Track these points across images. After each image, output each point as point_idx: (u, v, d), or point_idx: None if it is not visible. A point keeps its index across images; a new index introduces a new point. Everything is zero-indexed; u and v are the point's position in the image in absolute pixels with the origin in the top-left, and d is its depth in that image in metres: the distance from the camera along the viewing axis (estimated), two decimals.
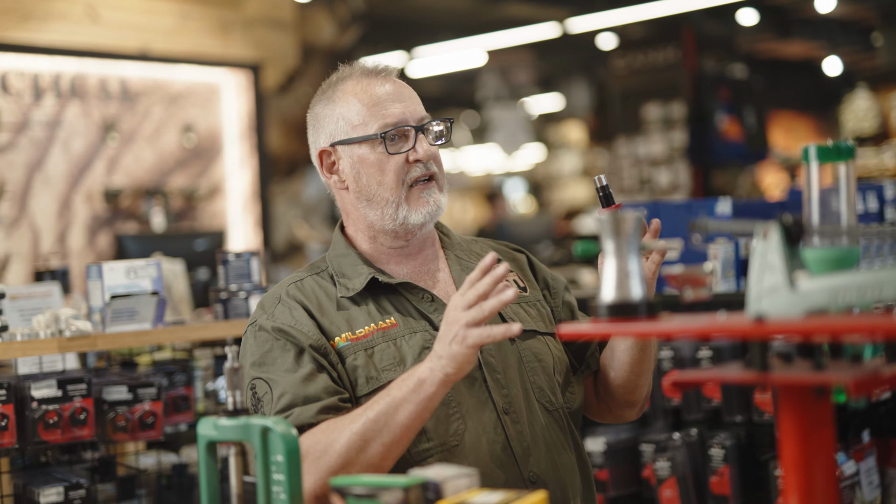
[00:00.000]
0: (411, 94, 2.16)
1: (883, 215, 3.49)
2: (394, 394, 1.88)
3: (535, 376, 2.12)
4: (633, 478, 3.42)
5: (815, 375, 1.34)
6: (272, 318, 2.07)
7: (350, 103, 2.11)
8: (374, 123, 2.09)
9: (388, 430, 1.86)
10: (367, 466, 1.87)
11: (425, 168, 2.10)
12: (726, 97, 10.02)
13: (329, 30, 8.49)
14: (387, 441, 1.86)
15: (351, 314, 2.08)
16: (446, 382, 1.85)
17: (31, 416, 2.87)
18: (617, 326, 1.46)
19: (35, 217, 6.75)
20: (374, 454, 1.87)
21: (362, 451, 1.86)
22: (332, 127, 2.13)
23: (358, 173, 2.11)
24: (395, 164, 2.08)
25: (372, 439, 1.86)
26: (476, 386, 2.06)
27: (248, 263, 3.38)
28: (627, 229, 1.46)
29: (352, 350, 2.03)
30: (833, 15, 10.67)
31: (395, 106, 2.10)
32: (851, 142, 1.55)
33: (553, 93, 13.78)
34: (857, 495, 2.80)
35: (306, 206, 8.29)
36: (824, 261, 1.47)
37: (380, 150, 2.09)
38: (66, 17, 6.93)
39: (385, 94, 2.11)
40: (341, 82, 2.15)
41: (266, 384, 2.00)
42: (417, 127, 2.10)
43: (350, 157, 2.12)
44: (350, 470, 1.86)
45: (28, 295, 3.32)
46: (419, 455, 1.99)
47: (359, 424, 1.87)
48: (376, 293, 2.11)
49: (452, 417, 2.02)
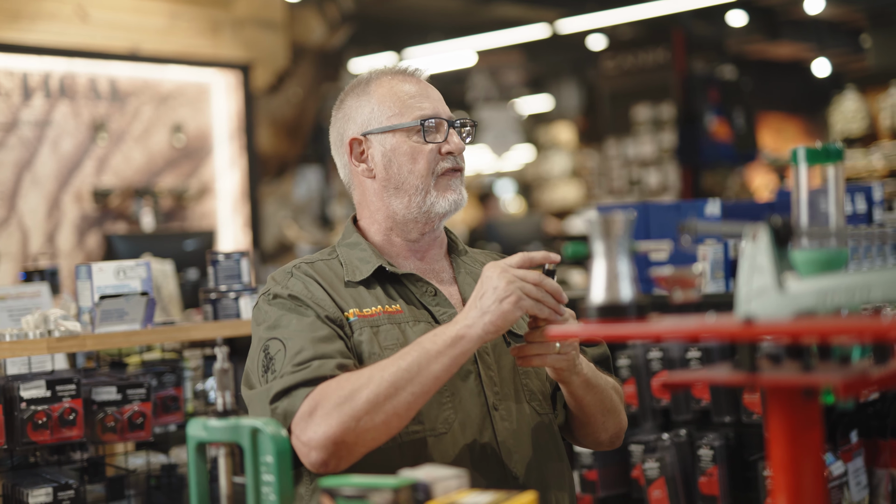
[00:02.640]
0: (438, 95, 2.26)
1: (871, 217, 3.50)
2: (427, 347, 1.90)
3: (528, 380, 2.15)
4: (622, 478, 3.42)
5: (803, 377, 1.35)
6: (287, 288, 2.10)
7: (385, 96, 2.19)
8: (409, 114, 2.17)
9: (420, 381, 1.88)
10: (392, 415, 1.88)
11: (455, 161, 2.18)
12: (715, 98, 10.05)
13: (319, 30, 8.49)
14: (416, 391, 1.88)
15: (359, 294, 2.12)
16: (483, 340, 1.89)
17: (20, 417, 2.86)
18: (606, 328, 1.46)
19: (24, 217, 6.73)
20: (402, 403, 1.88)
21: (391, 398, 1.87)
22: (365, 117, 2.20)
23: (389, 161, 2.17)
24: (429, 154, 2.16)
25: (402, 388, 1.88)
26: (470, 379, 2.08)
27: (238, 264, 3.38)
28: (617, 231, 1.46)
29: (359, 325, 2.06)
30: (822, 16, 10.70)
31: (429, 101, 2.20)
32: (840, 144, 1.56)
33: (543, 94, 13.80)
34: (845, 496, 2.81)
35: (296, 207, 8.28)
36: (813, 262, 1.48)
37: (415, 139, 2.16)
38: (55, 16, 6.91)
39: (419, 91, 2.21)
40: (375, 78, 2.23)
41: (280, 342, 2.01)
42: (450, 122, 2.19)
43: (382, 145, 2.18)
44: (374, 416, 1.87)
45: (17, 295, 3.31)
46: (408, 436, 2.01)
47: (390, 372, 1.89)
48: (382, 282, 2.15)
49: (445, 406, 2.04)
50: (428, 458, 1.98)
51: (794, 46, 11.93)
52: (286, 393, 1.93)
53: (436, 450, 2.01)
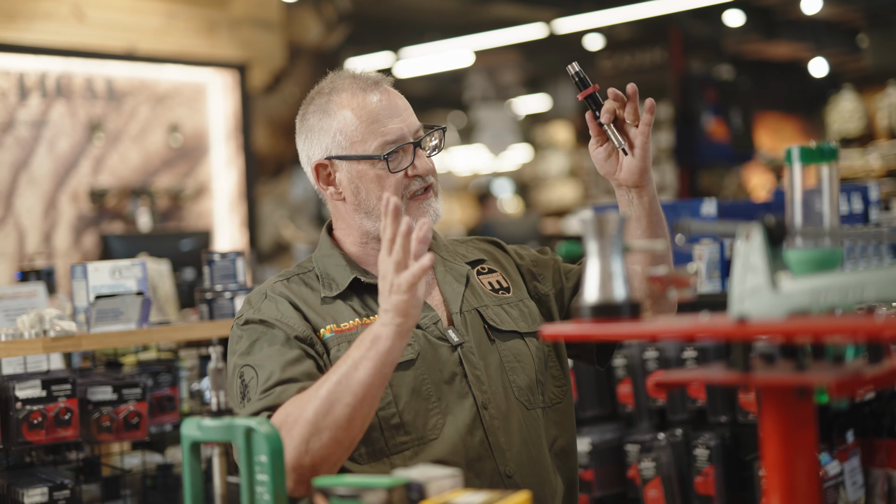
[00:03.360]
0: (405, 104, 2.18)
1: (868, 216, 3.50)
2: (353, 355, 1.88)
3: (515, 375, 2.14)
4: (618, 478, 3.42)
5: (796, 376, 1.35)
6: (258, 312, 2.10)
7: (347, 118, 2.13)
8: (373, 141, 2.11)
9: (350, 390, 1.86)
10: (336, 430, 1.86)
11: (423, 181, 2.15)
12: (713, 98, 10.04)
13: (316, 30, 8.49)
14: (350, 401, 1.86)
15: (336, 309, 2.11)
16: (400, 333, 1.86)
17: (16, 417, 2.86)
18: (600, 327, 1.46)
19: (20, 217, 6.72)
20: (341, 416, 1.86)
21: (328, 414, 1.86)
22: (328, 141, 2.15)
23: (357, 187, 2.14)
24: (396, 181, 2.12)
25: (336, 401, 1.86)
26: (456, 381, 2.08)
27: (234, 264, 3.38)
28: (611, 230, 1.46)
29: (336, 342, 2.06)
30: (819, 16, 10.71)
31: (394, 122, 2.13)
32: (835, 143, 1.56)
33: (540, 93, 13.80)
34: (841, 495, 2.81)
35: (293, 207, 8.28)
36: (807, 262, 1.48)
37: (380, 167, 2.11)
38: (52, 16, 6.91)
39: (382, 109, 2.13)
40: (336, 94, 2.16)
41: (253, 370, 2.01)
42: (416, 143, 2.14)
43: (349, 171, 2.14)
44: (320, 435, 1.86)
45: (13, 295, 3.31)
46: (396, 448, 2.01)
47: (323, 389, 1.88)
48: (360, 293, 2.14)
49: (432, 412, 2.04)
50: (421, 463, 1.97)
51: (792, 46, 11.93)
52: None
53: (428, 457, 2.00)
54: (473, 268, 2.27)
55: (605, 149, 2.13)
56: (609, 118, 2.08)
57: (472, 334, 2.13)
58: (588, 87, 2.12)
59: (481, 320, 2.16)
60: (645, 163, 2.09)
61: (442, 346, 2.10)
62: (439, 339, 2.10)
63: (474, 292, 2.20)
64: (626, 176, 2.11)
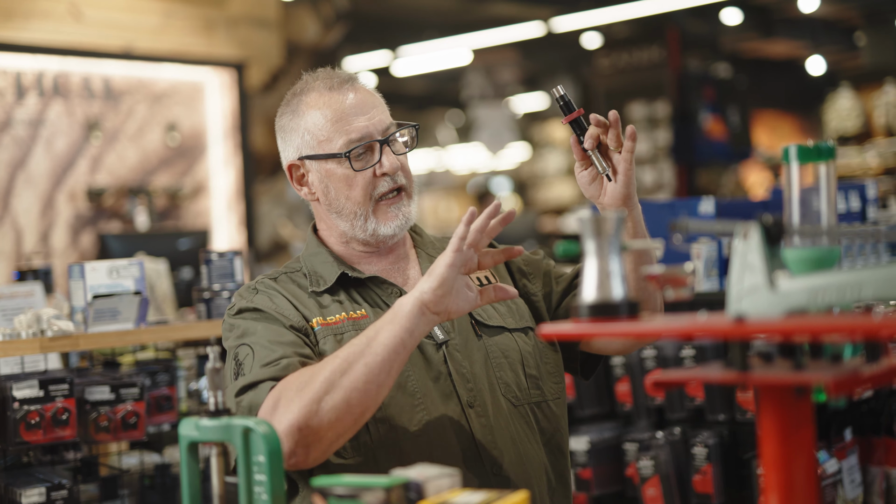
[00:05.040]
0: (375, 101, 2.17)
1: (865, 214, 3.51)
2: (375, 324, 1.90)
3: (502, 371, 2.13)
4: (616, 477, 3.42)
5: (794, 375, 1.35)
6: (252, 302, 2.09)
7: (314, 117, 2.13)
8: (338, 139, 2.11)
9: (372, 351, 1.86)
10: (350, 390, 1.85)
11: (393, 181, 2.13)
12: (710, 96, 10.05)
13: (313, 29, 8.48)
14: (369, 361, 1.85)
15: (323, 302, 2.12)
16: (424, 302, 1.87)
17: (13, 417, 2.86)
18: (598, 326, 1.46)
19: (18, 216, 6.72)
20: (359, 375, 1.85)
21: (346, 373, 1.85)
22: (298, 141, 2.15)
23: (326, 187, 2.14)
24: (363, 180, 2.11)
25: (355, 361, 1.86)
26: (441, 380, 2.07)
27: (232, 263, 3.38)
28: (608, 229, 1.46)
29: (323, 334, 2.06)
30: (816, 15, 10.71)
31: (360, 120, 2.11)
32: (833, 141, 1.56)
33: (538, 92, 13.79)
34: (839, 493, 2.81)
35: (290, 206, 8.27)
36: (804, 261, 1.48)
37: (346, 165, 2.11)
38: (49, 15, 6.90)
39: (349, 107, 2.12)
40: (304, 94, 2.16)
41: (249, 347, 2.01)
42: (382, 140, 2.12)
43: (318, 171, 2.14)
44: (333, 394, 1.84)
45: (10, 294, 3.30)
46: (380, 441, 2.01)
47: (344, 352, 1.88)
48: (347, 288, 2.14)
49: (417, 408, 2.03)
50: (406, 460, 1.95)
51: (789, 44, 11.93)
52: (252, 387, 1.93)
53: (413, 451, 2.00)
54: None
55: (590, 173, 2.14)
56: (593, 144, 2.10)
57: (458, 330, 2.13)
58: (573, 111, 2.12)
59: (468, 315, 2.15)
60: (628, 189, 2.09)
61: (427, 343, 2.09)
62: (425, 337, 2.09)
63: None
64: (610, 201, 2.11)
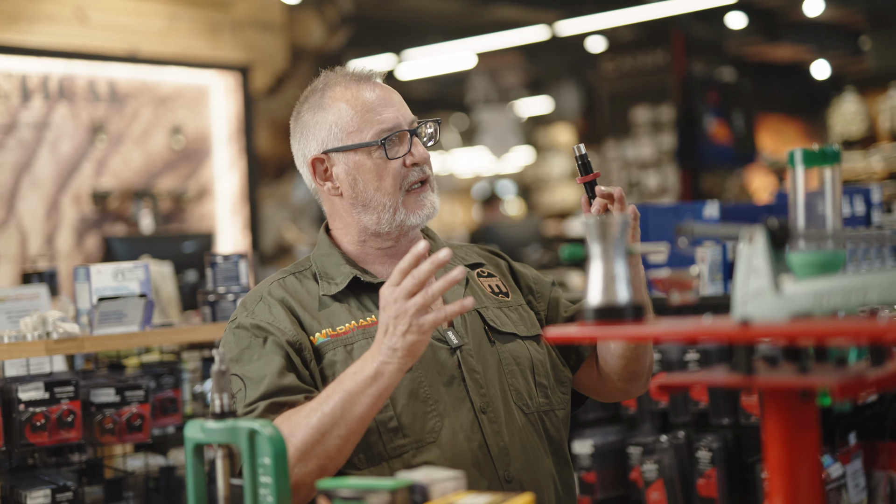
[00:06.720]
0: (399, 97, 2.18)
1: (870, 219, 3.50)
2: (348, 388, 1.88)
3: (514, 379, 2.13)
4: (620, 480, 3.42)
5: (799, 379, 1.35)
6: (252, 316, 2.09)
7: (342, 110, 2.13)
8: (368, 130, 2.11)
9: (345, 423, 1.87)
10: (325, 458, 1.88)
11: (421, 172, 2.13)
12: (715, 100, 10.05)
13: (318, 32, 8.49)
14: (343, 433, 1.87)
15: (332, 311, 2.10)
16: (402, 371, 1.86)
17: (18, 419, 2.86)
18: (603, 330, 1.47)
19: (23, 219, 6.73)
20: (332, 446, 1.87)
21: (319, 443, 1.87)
22: (324, 134, 2.14)
23: (354, 179, 2.12)
24: (394, 170, 2.11)
25: (328, 433, 1.87)
26: (454, 384, 2.07)
27: (236, 266, 3.38)
28: (614, 233, 1.46)
29: (331, 346, 2.05)
30: (821, 19, 10.71)
31: (388, 111, 2.12)
32: (838, 145, 1.56)
33: (542, 95, 13.80)
34: (843, 498, 2.81)
35: (295, 209, 8.28)
36: (809, 264, 1.48)
37: (377, 155, 2.10)
38: (54, 18, 6.91)
39: (376, 100, 2.13)
40: (329, 88, 2.17)
41: (241, 380, 2.02)
42: (412, 131, 2.13)
43: (346, 163, 2.13)
44: (306, 463, 1.87)
45: (15, 297, 3.31)
46: (395, 451, 2.01)
47: (315, 419, 1.88)
48: (358, 292, 2.13)
49: (430, 415, 2.03)
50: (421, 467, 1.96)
51: (794, 48, 11.93)
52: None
53: (426, 460, 2.00)
54: (473, 270, 2.26)
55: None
56: (599, 212, 2.11)
57: (471, 335, 2.12)
58: (590, 173, 2.15)
59: (482, 321, 2.15)
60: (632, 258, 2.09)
61: (441, 348, 2.09)
62: (438, 341, 2.09)
63: (474, 294, 2.20)
64: None
